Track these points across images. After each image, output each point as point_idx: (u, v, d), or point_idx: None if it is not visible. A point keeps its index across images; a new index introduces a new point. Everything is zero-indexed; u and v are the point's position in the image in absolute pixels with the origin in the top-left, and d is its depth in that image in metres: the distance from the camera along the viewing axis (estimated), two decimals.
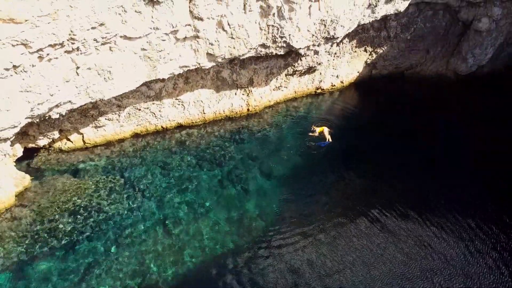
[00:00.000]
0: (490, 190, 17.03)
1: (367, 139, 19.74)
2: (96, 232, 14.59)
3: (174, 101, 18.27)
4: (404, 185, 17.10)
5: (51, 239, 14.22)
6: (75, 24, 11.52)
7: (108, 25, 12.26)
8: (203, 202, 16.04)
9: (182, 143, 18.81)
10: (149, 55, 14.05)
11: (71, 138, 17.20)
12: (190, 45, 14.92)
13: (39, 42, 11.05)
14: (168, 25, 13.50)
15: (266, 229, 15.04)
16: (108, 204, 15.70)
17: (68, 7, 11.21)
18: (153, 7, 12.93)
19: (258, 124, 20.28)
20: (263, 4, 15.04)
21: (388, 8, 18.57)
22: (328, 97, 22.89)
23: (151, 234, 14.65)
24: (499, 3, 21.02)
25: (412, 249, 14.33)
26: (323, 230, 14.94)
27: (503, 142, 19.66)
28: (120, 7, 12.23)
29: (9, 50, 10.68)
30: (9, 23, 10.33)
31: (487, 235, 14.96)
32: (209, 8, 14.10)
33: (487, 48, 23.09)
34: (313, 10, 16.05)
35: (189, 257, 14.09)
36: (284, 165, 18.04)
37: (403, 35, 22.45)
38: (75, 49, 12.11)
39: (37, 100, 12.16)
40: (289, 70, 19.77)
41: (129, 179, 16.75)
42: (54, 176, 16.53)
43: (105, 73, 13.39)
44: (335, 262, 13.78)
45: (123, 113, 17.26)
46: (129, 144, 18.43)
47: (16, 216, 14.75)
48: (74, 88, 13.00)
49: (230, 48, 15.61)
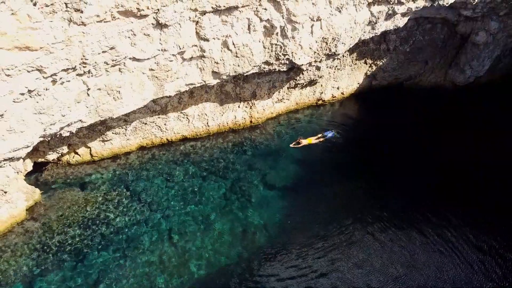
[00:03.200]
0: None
1: (369, 148, 20.24)
2: (104, 244, 15.05)
3: (179, 114, 18.72)
4: (403, 195, 17.54)
5: (61, 252, 14.68)
6: (87, 49, 11.97)
7: (118, 48, 12.71)
8: (208, 214, 16.50)
9: (186, 155, 19.25)
10: (157, 75, 14.50)
11: (79, 151, 17.63)
12: (196, 64, 15.38)
13: (53, 67, 11.49)
14: (176, 47, 13.95)
15: (270, 240, 15.49)
16: (116, 216, 16.14)
17: (81, 33, 11.66)
18: (161, 30, 13.38)
19: (260, 136, 20.72)
20: (267, 24, 15.50)
21: (387, 24, 19.03)
22: (329, 108, 23.35)
23: (158, 246, 15.11)
24: (496, 18, 21.50)
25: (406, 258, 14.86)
26: (326, 240, 15.41)
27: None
28: (130, 31, 12.67)
29: (25, 76, 11.13)
30: (25, 51, 10.77)
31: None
32: (215, 29, 14.56)
33: (484, 60, 23.57)
34: (315, 29, 16.51)
35: (195, 268, 14.54)
36: (287, 176, 18.47)
37: (402, 48, 22.92)
38: (87, 72, 12.56)
39: (50, 121, 12.60)
40: (291, 83, 20.24)
41: (135, 192, 17.19)
42: (63, 189, 16.97)
43: (115, 93, 13.84)
44: (340, 273, 14.25)
45: (130, 127, 17.70)
46: (135, 157, 18.87)
47: (28, 229, 15.21)
48: (85, 108, 13.45)
49: (235, 66, 16.07)
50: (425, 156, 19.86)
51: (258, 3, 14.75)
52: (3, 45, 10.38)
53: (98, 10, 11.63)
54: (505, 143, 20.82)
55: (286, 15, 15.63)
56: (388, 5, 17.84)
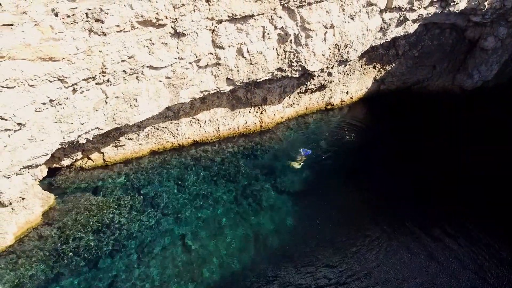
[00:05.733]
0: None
1: (379, 154, 20.39)
2: (118, 249, 15.20)
3: (191, 120, 18.84)
4: (413, 202, 17.68)
5: (75, 257, 14.83)
6: (107, 58, 12.09)
7: (136, 57, 12.83)
8: (220, 218, 16.64)
9: (197, 160, 19.37)
10: (173, 83, 14.62)
11: (92, 157, 17.75)
12: (211, 72, 15.49)
13: (74, 77, 11.61)
14: (192, 55, 14.06)
15: (282, 244, 15.63)
16: (129, 221, 16.28)
17: (101, 43, 11.76)
18: (178, 38, 13.49)
19: (270, 140, 20.84)
20: (281, 32, 15.62)
21: (398, 30, 19.15)
22: (338, 112, 23.48)
23: (171, 251, 15.27)
24: (504, 23, 21.62)
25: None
26: (336, 245, 15.59)
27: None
28: (148, 40, 12.77)
29: (47, 85, 11.25)
30: (48, 61, 10.88)
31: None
32: (230, 37, 14.67)
33: (493, 65, 23.72)
34: (328, 36, 16.62)
35: (208, 273, 14.69)
36: (297, 180, 18.60)
37: (411, 53, 23.04)
38: (106, 80, 12.67)
39: (69, 129, 12.73)
40: (302, 88, 20.35)
41: (147, 196, 17.33)
42: (77, 194, 17.10)
43: (132, 100, 13.96)
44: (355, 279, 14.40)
45: (143, 133, 17.82)
46: (147, 161, 18.99)
47: (43, 235, 15.34)
48: (102, 115, 13.57)
49: (249, 73, 16.18)
50: (435, 160, 19.99)
51: (273, 11, 14.86)
52: (27, 56, 10.48)
53: (118, 20, 11.74)
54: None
55: (300, 23, 15.75)
56: (399, 12, 17.96)
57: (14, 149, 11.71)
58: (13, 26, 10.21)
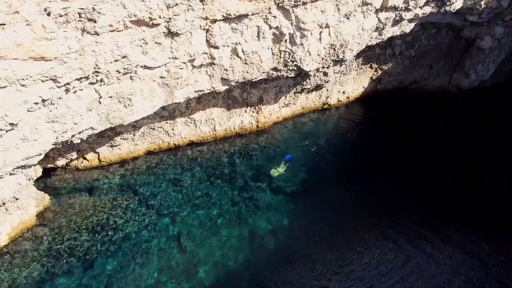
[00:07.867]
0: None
1: (376, 154, 20.31)
2: (113, 249, 15.15)
3: (186, 119, 18.80)
4: (414, 202, 17.63)
5: (70, 257, 14.78)
6: (100, 58, 12.05)
7: (130, 56, 12.79)
8: (215, 219, 16.58)
9: (193, 160, 19.33)
10: (167, 82, 14.59)
11: (87, 157, 17.71)
12: (205, 71, 15.46)
13: (67, 76, 11.58)
14: (186, 55, 14.03)
15: (278, 245, 15.56)
16: (124, 221, 16.23)
17: (94, 42, 11.74)
18: (172, 38, 13.46)
19: (267, 140, 20.80)
20: (276, 32, 15.59)
21: (394, 30, 19.13)
22: (334, 112, 23.45)
23: (166, 251, 15.21)
24: (501, 23, 21.57)
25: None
26: (333, 246, 15.51)
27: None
28: (142, 39, 12.74)
29: (39, 85, 11.22)
30: (40, 61, 10.84)
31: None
32: (225, 37, 14.64)
33: (489, 64, 23.66)
34: (323, 35, 16.59)
35: (203, 273, 14.64)
36: (293, 181, 18.52)
37: (408, 52, 23.01)
38: (99, 80, 12.64)
39: (62, 129, 12.69)
40: (298, 88, 20.33)
41: (143, 196, 17.28)
42: (71, 194, 17.06)
43: (125, 100, 13.92)
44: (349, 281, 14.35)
45: (138, 133, 17.79)
46: (142, 162, 18.94)
47: (37, 235, 15.30)
48: (96, 115, 13.54)
49: (244, 72, 16.15)
50: (432, 160, 19.96)
51: (268, 11, 14.84)
52: (19, 56, 10.45)
53: (111, 19, 11.71)
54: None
55: (295, 23, 15.72)
56: (395, 12, 17.93)
57: (7, 149, 11.68)
58: (4, 25, 10.18)
